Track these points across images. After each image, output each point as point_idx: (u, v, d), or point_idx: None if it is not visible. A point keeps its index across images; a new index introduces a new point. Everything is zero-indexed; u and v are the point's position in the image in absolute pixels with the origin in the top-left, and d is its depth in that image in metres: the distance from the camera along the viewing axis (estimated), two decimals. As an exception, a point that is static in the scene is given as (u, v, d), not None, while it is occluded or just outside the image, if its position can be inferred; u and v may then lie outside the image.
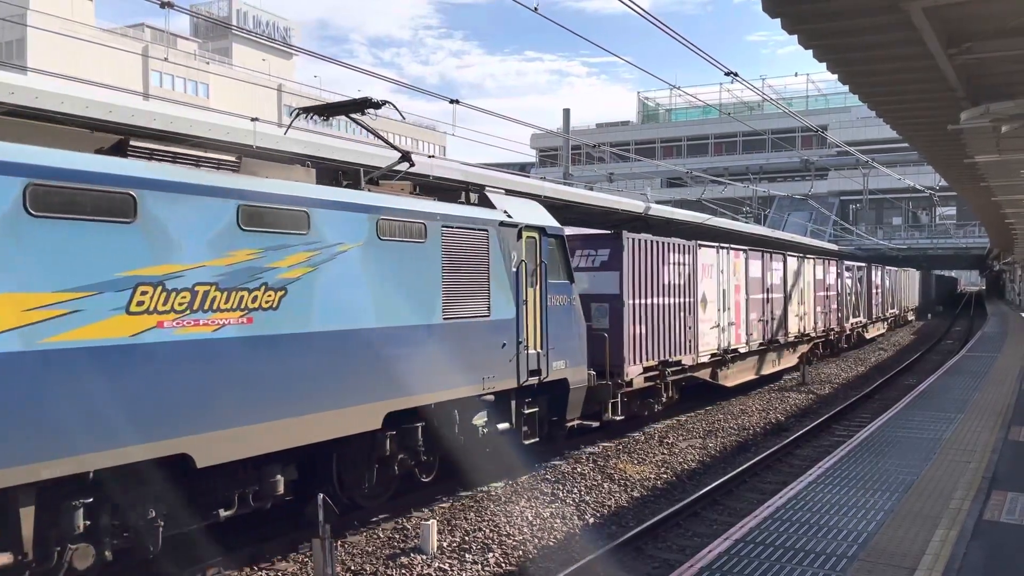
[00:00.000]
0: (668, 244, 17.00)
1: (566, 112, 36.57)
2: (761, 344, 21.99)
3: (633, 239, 15.55)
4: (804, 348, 26.30)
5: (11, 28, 56.20)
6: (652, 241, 16.29)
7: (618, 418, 14.84)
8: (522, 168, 63.71)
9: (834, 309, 30.21)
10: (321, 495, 7.85)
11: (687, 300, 17.62)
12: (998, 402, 15.61)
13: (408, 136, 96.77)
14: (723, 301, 19.51)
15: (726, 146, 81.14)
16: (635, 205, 22.75)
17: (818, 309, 27.72)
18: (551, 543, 9.75)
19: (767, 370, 22.97)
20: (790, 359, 25.11)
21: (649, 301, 15.96)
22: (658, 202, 30.54)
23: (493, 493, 11.55)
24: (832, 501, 8.89)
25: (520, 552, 9.38)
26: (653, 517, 10.39)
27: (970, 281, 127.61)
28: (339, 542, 9.27)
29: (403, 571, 8.72)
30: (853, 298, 34.01)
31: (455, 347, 10.31)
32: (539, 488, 11.87)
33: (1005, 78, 10.38)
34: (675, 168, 52.23)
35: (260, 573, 8.65)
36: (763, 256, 22.55)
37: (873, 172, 55.68)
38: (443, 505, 11.00)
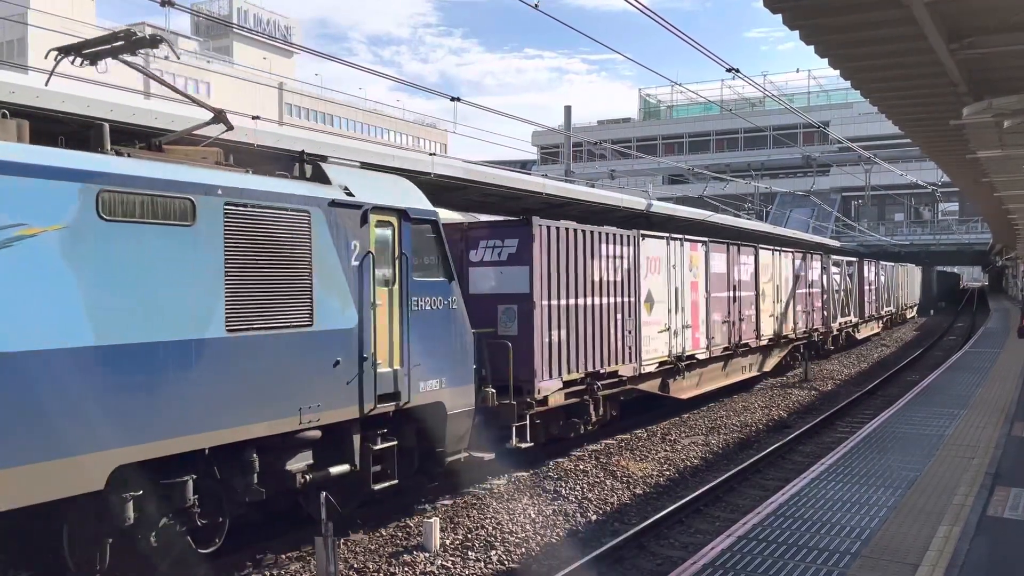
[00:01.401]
0: (598, 234, 14.38)
1: (567, 109, 36.49)
2: (727, 349, 19.53)
3: (546, 227, 13.00)
4: (782, 352, 23.93)
5: (12, 27, 56.22)
6: (575, 230, 13.70)
7: (524, 445, 12.23)
8: (523, 165, 63.71)
9: (818, 308, 27.35)
10: (324, 493, 7.85)
11: (626, 300, 15.10)
12: (1001, 398, 15.60)
13: (410, 134, 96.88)
14: (675, 300, 16.94)
15: (728, 142, 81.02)
16: (637, 202, 22.72)
17: (798, 308, 24.86)
18: (554, 540, 9.75)
19: (736, 377, 20.55)
20: (766, 363, 22.84)
21: (572, 302, 13.46)
22: (660, 199, 30.45)
23: (495, 491, 11.55)
24: (835, 497, 8.88)
25: (523, 550, 9.39)
26: (656, 514, 10.38)
27: (972, 277, 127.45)
28: (342, 540, 9.27)
29: (406, 569, 8.72)
30: (842, 296, 31.37)
31: (250, 369, 7.77)
32: (541, 485, 11.87)
33: (1008, 73, 10.35)
34: (677, 165, 52.20)
35: (263, 571, 8.65)
36: (729, 249, 19.91)
37: (875, 168, 55.60)
38: (445, 503, 11.00)
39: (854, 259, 34.58)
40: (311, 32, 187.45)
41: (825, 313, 28.39)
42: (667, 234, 17.16)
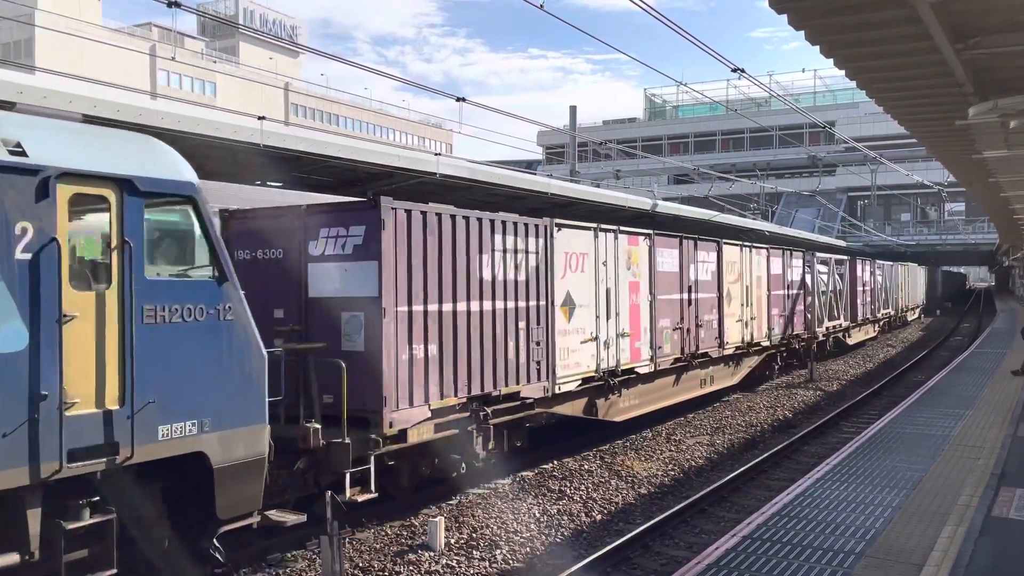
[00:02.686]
0: (490, 222, 11.48)
1: (572, 109, 36.48)
2: (679, 360, 16.57)
3: (404, 212, 10.02)
4: (753, 361, 20.97)
5: (19, 28, 56.46)
6: (452, 216, 10.78)
7: (362, 498, 9.31)
8: (529, 165, 63.73)
9: (801, 311, 24.15)
10: (329, 492, 7.87)
11: (533, 304, 12.20)
12: (1007, 398, 15.56)
13: (415, 134, 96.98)
14: (607, 304, 14.04)
15: (733, 142, 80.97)
16: (642, 202, 22.72)
17: (775, 312, 21.87)
18: (558, 540, 9.76)
19: (693, 393, 17.53)
20: (734, 375, 19.88)
21: (448, 307, 10.63)
22: (665, 199, 30.43)
23: (500, 490, 11.57)
24: (840, 498, 8.88)
25: (528, 549, 9.40)
26: (661, 514, 10.39)
27: (979, 277, 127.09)
28: (347, 539, 9.30)
29: (411, 568, 8.74)
30: (830, 297, 28.09)
31: None
32: (546, 485, 11.88)
33: (1014, 73, 10.33)
34: (682, 165, 52.14)
35: (269, 570, 8.69)
36: (682, 244, 16.93)
37: (881, 168, 55.48)
38: (451, 502, 11.02)
39: (844, 258, 31.56)
40: (315, 32, 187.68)
41: (808, 317, 25.06)
42: (596, 224, 14.10)
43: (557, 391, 12.69)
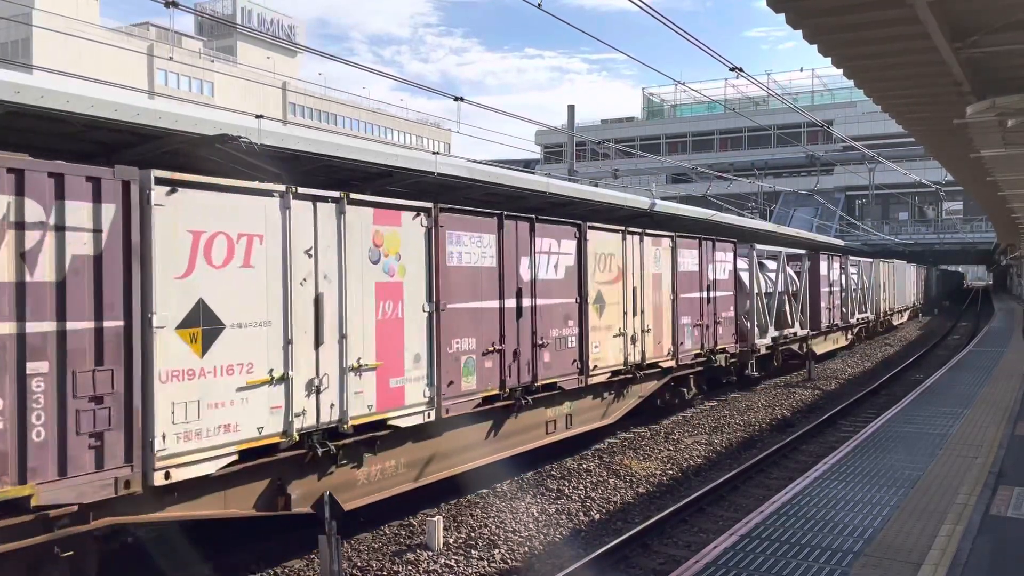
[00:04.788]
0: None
1: (571, 108, 36.44)
2: (486, 403, 11.02)
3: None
4: (647, 387, 15.57)
5: (16, 27, 56.38)
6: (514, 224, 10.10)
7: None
8: (527, 165, 63.75)
9: (728, 319, 18.76)
10: (328, 492, 7.87)
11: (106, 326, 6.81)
12: (1005, 397, 15.58)
13: (413, 133, 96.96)
14: (329, 325, 8.68)
15: (731, 142, 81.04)
16: (640, 201, 22.71)
17: (685, 321, 16.62)
18: (557, 539, 9.76)
19: (524, 446, 12.11)
20: (608, 412, 14.37)
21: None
22: (664, 198, 30.44)
23: (499, 490, 11.57)
24: (838, 497, 8.88)
25: (526, 548, 9.40)
26: (659, 513, 10.40)
27: (976, 276, 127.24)
28: (344, 539, 9.29)
29: (409, 567, 8.74)
30: (779, 301, 22.71)
31: None
32: (544, 484, 11.88)
33: (1011, 72, 10.34)
34: (680, 164, 52.16)
35: (267, 569, 8.68)
36: (504, 226, 11.36)
37: (879, 167, 55.55)
38: (449, 502, 11.02)
39: (800, 252, 26.39)
40: (312, 32, 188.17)
41: (746, 325, 20.15)
42: (281, 188, 8.35)
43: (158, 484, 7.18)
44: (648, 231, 15.46)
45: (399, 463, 9.84)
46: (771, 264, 23.17)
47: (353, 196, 9.06)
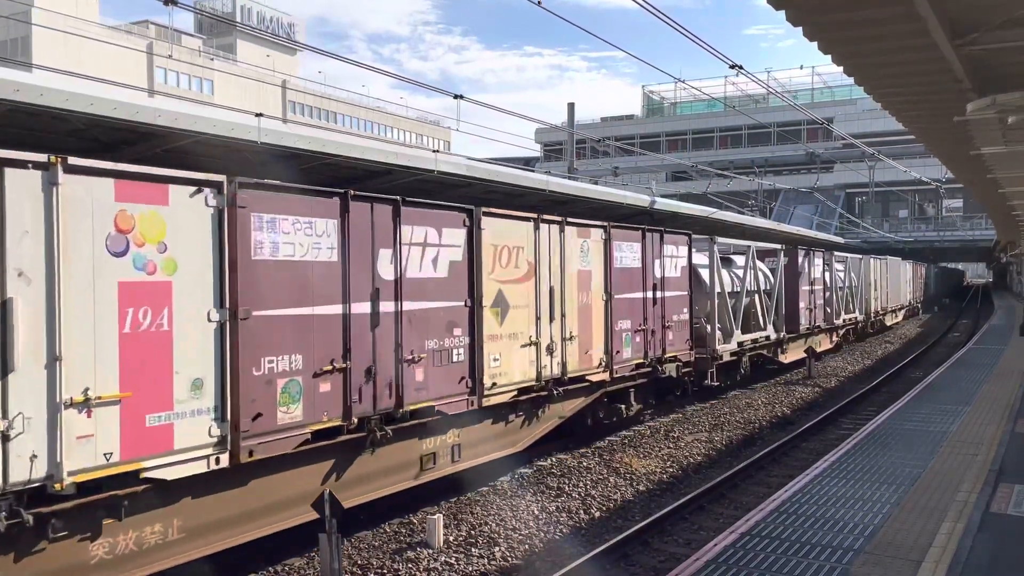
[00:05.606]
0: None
1: (571, 106, 36.43)
2: (342, 427, 8.81)
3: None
4: (570, 406, 13.14)
5: (16, 25, 56.35)
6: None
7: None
8: (527, 163, 63.75)
9: (681, 322, 16.37)
10: (328, 491, 7.86)
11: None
12: (1005, 395, 15.58)
13: (413, 131, 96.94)
14: (27, 343, 6.18)
15: (731, 139, 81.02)
16: (640, 199, 22.69)
17: (623, 326, 14.20)
18: (557, 537, 9.76)
19: (389, 487, 9.71)
20: (518, 440, 11.96)
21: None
22: (663, 195, 30.41)
23: (499, 488, 11.57)
24: (838, 494, 8.88)
25: (526, 546, 9.40)
26: (659, 511, 10.40)
27: (976, 273, 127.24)
28: (345, 537, 9.30)
29: (409, 565, 8.74)
30: (750, 300, 20.83)
31: None
32: (545, 482, 11.88)
33: (1012, 69, 10.32)
34: (680, 162, 52.16)
35: (267, 567, 8.68)
36: (351, 210, 8.91)
37: (879, 165, 55.54)
38: (449, 500, 11.02)
39: (776, 247, 23.61)
40: (311, 30, 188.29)
41: (707, 329, 17.94)
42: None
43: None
44: (571, 219, 12.97)
45: (171, 528, 7.28)
46: (740, 260, 20.93)
47: (74, 162, 6.46)
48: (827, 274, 27.42)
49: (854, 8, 8.28)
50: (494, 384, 10.96)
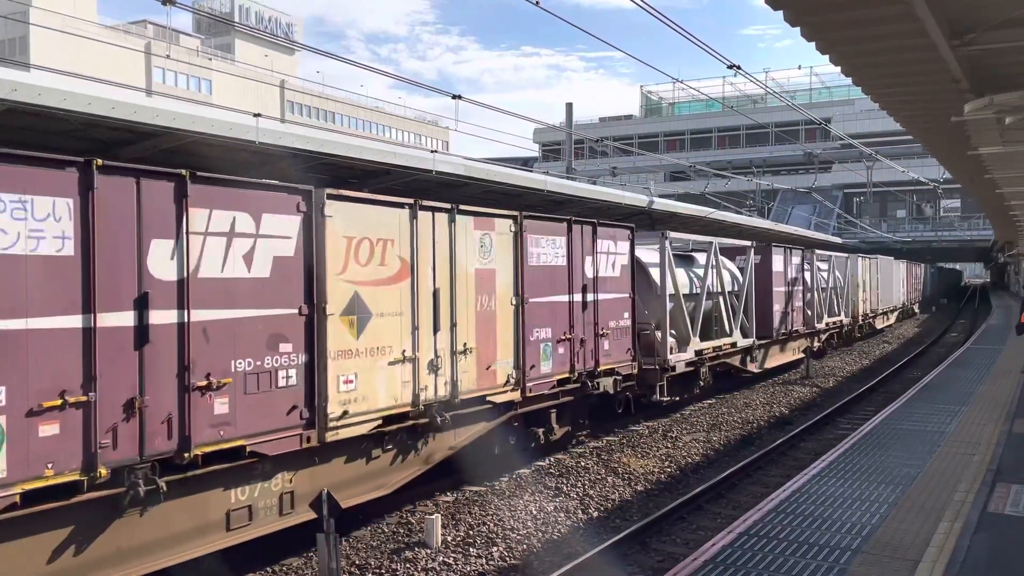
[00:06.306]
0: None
1: (569, 106, 36.42)
2: (80, 482, 6.53)
3: None
4: (470, 433, 11.00)
5: (14, 25, 56.30)
6: None
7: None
8: (525, 163, 63.76)
9: (620, 329, 14.24)
10: (325, 490, 7.86)
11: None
12: (1003, 395, 15.60)
13: (412, 131, 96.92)
14: None
15: (729, 139, 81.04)
16: (639, 199, 22.71)
17: (539, 336, 12.15)
18: (555, 537, 9.77)
19: (180, 555, 7.50)
20: (383, 484, 9.70)
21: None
22: (661, 195, 30.42)
23: (497, 487, 11.57)
24: (836, 494, 8.89)
25: (524, 546, 9.40)
26: (657, 511, 10.41)
27: (974, 273, 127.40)
28: (343, 537, 9.30)
29: (407, 565, 8.74)
30: (711, 304, 18.54)
31: None
32: (543, 482, 11.88)
33: (1009, 69, 10.34)
34: (678, 162, 52.19)
35: (265, 567, 8.68)
36: (97, 188, 6.66)
37: (877, 165, 55.60)
38: (447, 500, 11.02)
39: (745, 244, 21.22)
40: (309, 30, 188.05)
41: (656, 336, 15.77)
42: None
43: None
44: (464, 207, 10.81)
45: None
46: (701, 258, 18.79)
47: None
48: (807, 274, 25.41)
49: (853, 8, 8.29)
50: (346, 413, 8.73)
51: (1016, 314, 37.28)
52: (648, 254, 16.52)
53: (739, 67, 14.25)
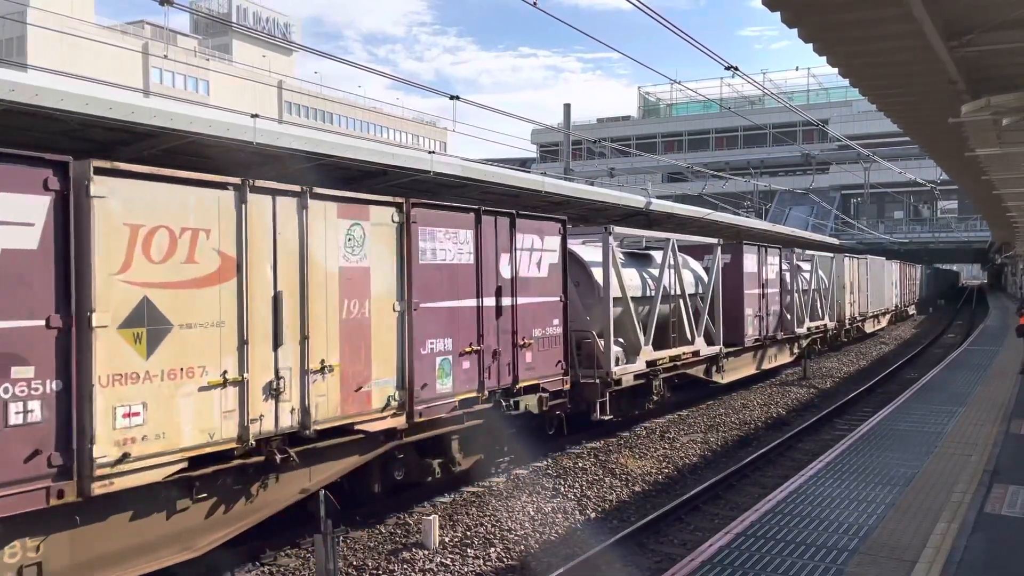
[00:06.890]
0: None
1: (567, 107, 36.46)
2: None
3: None
4: (329, 471, 8.92)
5: (11, 25, 56.23)
6: None
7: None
8: (523, 163, 63.77)
9: (549, 338, 12.30)
10: (323, 491, 7.85)
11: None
12: (999, 396, 15.61)
13: (409, 132, 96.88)
14: None
15: (727, 141, 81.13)
16: (636, 200, 22.73)
17: (435, 348, 10.07)
18: (553, 538, 9.76)
19: None
20: (199, 538, 7.65)
21: None
22: (659, 197, 30.43)
23: (495, 488, 11.56)
24: (833, 495, 8.90)
25: (522, 547, 9.40)
26: (655, 512, 10.41)
27: (971, 275, 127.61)
28: (341, 537, 9.29)
29: (405, 566, 8.74)
30: (671, 307, 16.88)
31: None
32: (540, 483, 11.88)
33: (1006, 70, 10.37)
34: (676, 163, 52.21)
35: (262, 568, 8.67)
36: None
37: (874, 166, 55.64)
38: (444, 500, 11.02)
39: (711, 242, 19.13)
40: (307, 30, 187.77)
41: (596, 347, 14.02)
42: None
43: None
44: (319, 190, 8.58)
45: None
46: (657, 256, 16.75)
47: None
48: (787, 275, 23.35)
49: (850, 10, 8.31)
50: (126, 456, 6.75)
51: (1013, 315, 37.33)
52: (591, 252, 14.83)
53: (737, 68, 14.27)
